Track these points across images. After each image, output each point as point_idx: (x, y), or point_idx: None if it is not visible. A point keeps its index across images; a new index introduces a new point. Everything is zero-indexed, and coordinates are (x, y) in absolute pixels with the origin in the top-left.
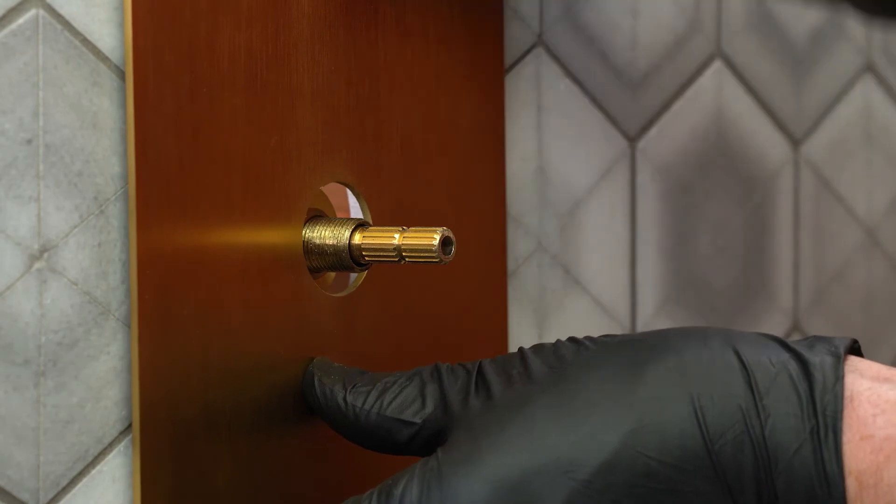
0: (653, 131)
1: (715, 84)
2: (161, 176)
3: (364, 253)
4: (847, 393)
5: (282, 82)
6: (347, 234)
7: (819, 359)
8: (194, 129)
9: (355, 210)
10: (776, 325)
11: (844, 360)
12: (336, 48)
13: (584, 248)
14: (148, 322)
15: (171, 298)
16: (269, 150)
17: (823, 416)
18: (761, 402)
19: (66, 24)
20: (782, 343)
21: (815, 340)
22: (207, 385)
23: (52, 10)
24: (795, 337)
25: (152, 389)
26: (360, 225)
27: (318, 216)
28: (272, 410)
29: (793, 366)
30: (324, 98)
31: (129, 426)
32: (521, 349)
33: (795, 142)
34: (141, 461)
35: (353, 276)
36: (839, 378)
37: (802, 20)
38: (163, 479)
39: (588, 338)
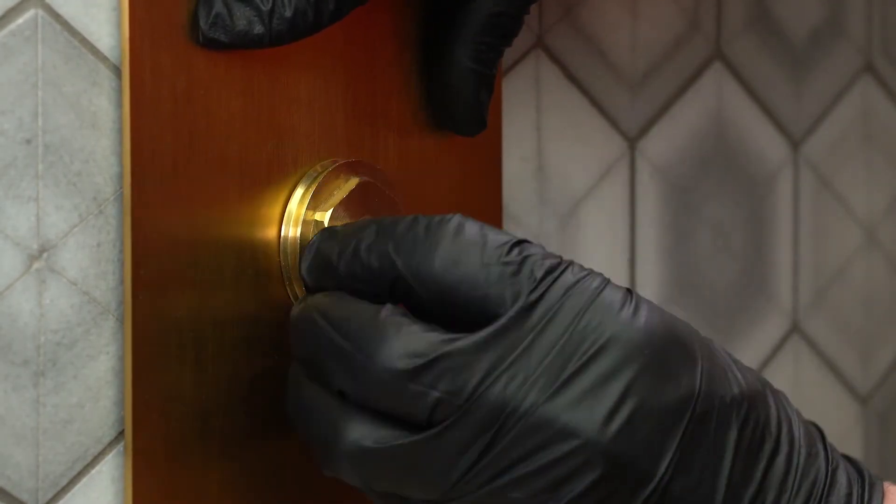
0: (652, 132)
1: (714, 84)
2: (157, 177)
3: None
4: None
5: (279, 87)
6: None
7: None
8: (190, 130)
9: None
10: (776, 325)
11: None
12: (333, 54)
13: (584, 249)
14: (142, 323)
15: (165, 299)
16: (265, 154)
17: None
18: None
19: (65, 24)
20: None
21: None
22: (201, 387)
23: (51, 10)
24: (795, 338)
25: (146, 392)
26: None
27: None
28: (266, 413)
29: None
30: (321, 104)
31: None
32: None
33: (795, 142)
34: (133, 464)
35: None
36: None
37: (802, 20)
38: (155, 483)
39: None
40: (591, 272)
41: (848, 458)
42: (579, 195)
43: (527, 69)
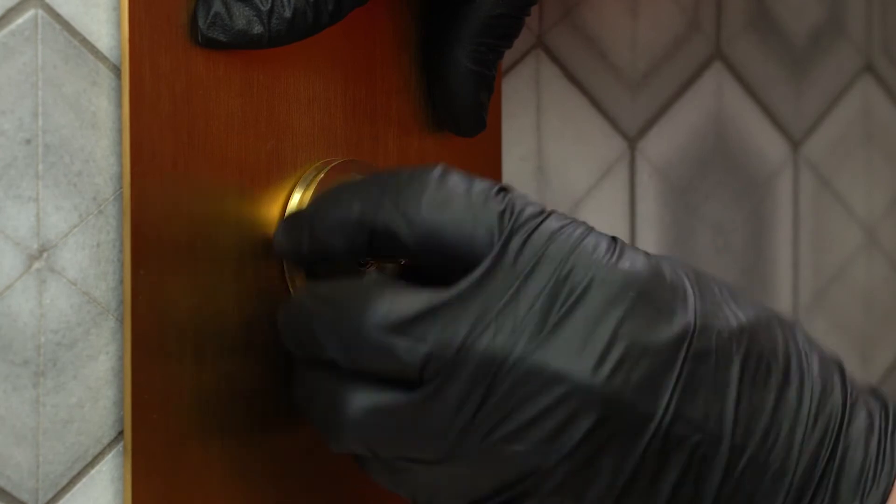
0: (652, 132)
1: (714, 84)
2: (157, 177)
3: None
4: None
5: (278, 87)
6: None
7: None
8: (189, 130)
9: None
10: None
11: None
12: (333, 54)
13: None
14: (142, 323)
15: (165, 299)
16: (264, 153)
17: None
18: None
19: (65, 24)
20: None
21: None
22: (201, 387)
23: (51, 10)
24: None
25: (146, 392)
26: None
27: None
28: (266, 413)
29: None
30: (320, 104)
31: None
32: None
33: (795, 142)
34: (133, 464)
35: None
36: None
37: (802, 20)
38: (156, 483)
39: None
40: (574, 220)
41: (873, 390)
42: (579, 195)
43: (527, 69)
